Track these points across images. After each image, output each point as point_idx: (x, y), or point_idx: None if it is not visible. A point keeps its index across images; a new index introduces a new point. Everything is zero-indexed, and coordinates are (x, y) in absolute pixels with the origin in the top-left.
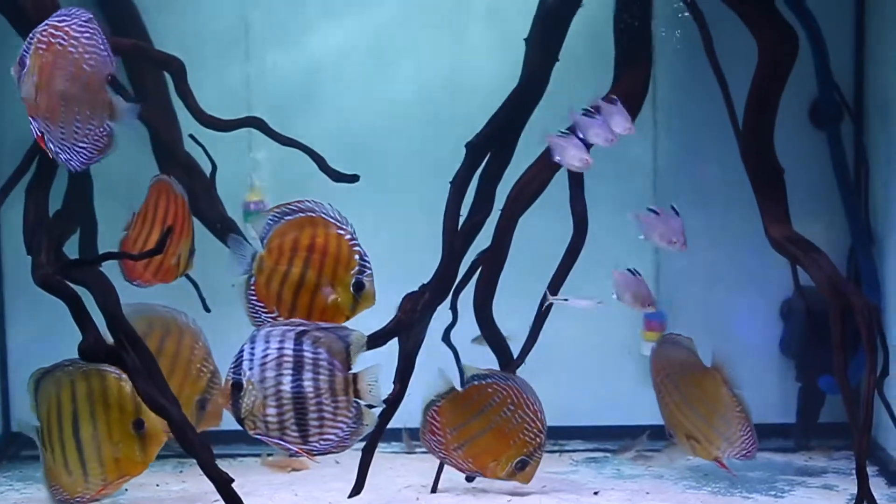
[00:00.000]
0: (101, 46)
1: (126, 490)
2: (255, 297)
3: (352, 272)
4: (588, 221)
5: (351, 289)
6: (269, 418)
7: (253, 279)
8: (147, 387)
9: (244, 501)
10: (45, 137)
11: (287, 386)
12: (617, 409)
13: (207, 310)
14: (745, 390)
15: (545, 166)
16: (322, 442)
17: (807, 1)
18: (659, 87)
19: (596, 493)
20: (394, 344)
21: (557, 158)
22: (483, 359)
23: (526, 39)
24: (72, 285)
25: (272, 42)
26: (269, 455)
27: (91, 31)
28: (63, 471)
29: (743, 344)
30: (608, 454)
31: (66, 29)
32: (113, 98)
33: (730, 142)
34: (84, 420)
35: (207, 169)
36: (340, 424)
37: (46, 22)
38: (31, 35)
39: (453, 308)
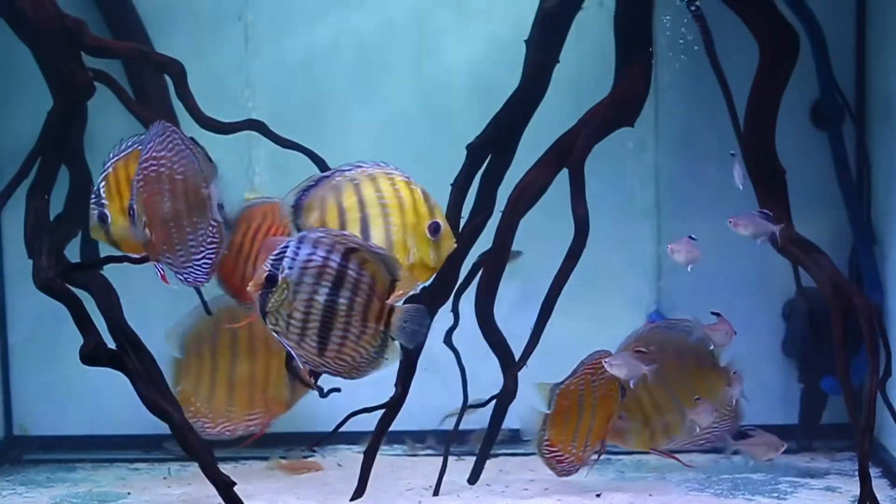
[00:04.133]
0: (183, 145)
1: (129, 493)
2: None
3: None
4: (589, 223)
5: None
6: (294, 321)
7: None
8: (148, 391)
9: None
10: (172, 273)
11: (321, 297)
12: None
13: (209, 313)
14: (748, 393)
15: (546, 168)
16: (337, 361)
17: (808, 1)
18: (660, 88)
19: (598, 496)
20: None
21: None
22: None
23: (526, 41)
24: (73, 289)
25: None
26: (282, 458)
27: (171, 139)
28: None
29: (745, 345)
30: (610, 456)
31: (153, 154)
32: (208, 191)
33: (731, 143)
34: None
35: None
36: (361, 350)
37: (140, 161)
38: (133, 181)
39: (454, 310)
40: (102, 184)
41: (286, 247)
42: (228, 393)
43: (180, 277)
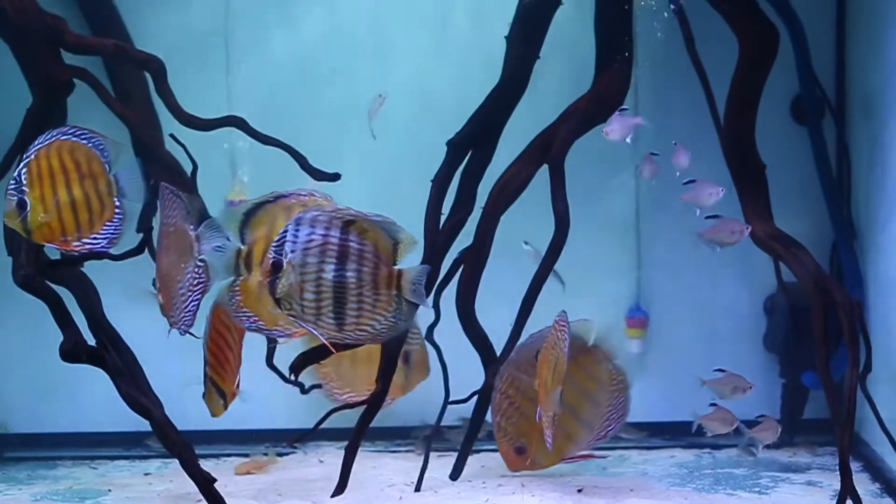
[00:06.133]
0: (172, 195)
1: (110, 490)
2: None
3: None
4: (570, 219)
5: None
6: (307, 303)
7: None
8: (128, 388)
9: (227, 502)
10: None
11: (329, 274)
12: None
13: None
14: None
15: (527, 164)
16: (358, 332)
17: None
18: (640, 84)
19: (580, 491)
20: None
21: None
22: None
23: (507, 37)
24: (53, 286)
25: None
26: (265, 455)
27: (163, 194)
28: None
29: (726, 340)
30: (593, 451)
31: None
32: (196, 232)
33: (712, 138)
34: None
35: (188, 168)
36: (379, 317)
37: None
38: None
39: (436, 306)
40: (24, 171)
41: (285, 231)
42: (352, 363)
43: (176, 328)
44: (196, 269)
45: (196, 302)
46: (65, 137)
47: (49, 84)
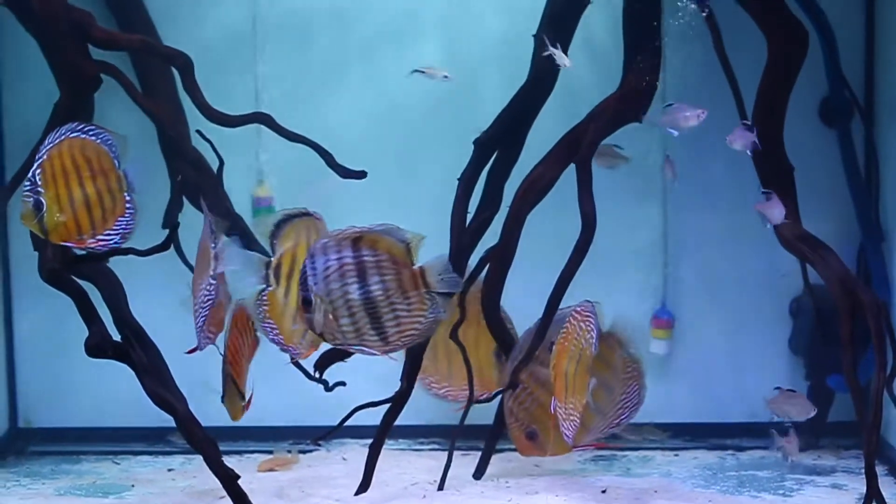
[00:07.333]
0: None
1: (133, 486)
2: None
3: None
4: (596, 219)
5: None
6: (345, 327)
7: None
8: (153, 383)
9: (250, 498)
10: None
11: (355, 294)
12: None
13: None
14: (754, 390)
15: (554, 163)
16: (403, 339)
17: None
18: (668, 84)
19: (604, 492)
20: None
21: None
22: None
23: (534, 36)
24: (78, 281)
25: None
26: (288, 452)
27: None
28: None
29: (752, 342)
30: (616, 452)
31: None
32: (216, 249)
33: None
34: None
35: (214, 164)
36: (418, 319)
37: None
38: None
39: (461, 305)
40: (38, 171)
41: (304, 268)
42: (448, 356)
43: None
44: (208, 286)
45: (204, 317)
46: (73, 135)
47: (76, 79)
